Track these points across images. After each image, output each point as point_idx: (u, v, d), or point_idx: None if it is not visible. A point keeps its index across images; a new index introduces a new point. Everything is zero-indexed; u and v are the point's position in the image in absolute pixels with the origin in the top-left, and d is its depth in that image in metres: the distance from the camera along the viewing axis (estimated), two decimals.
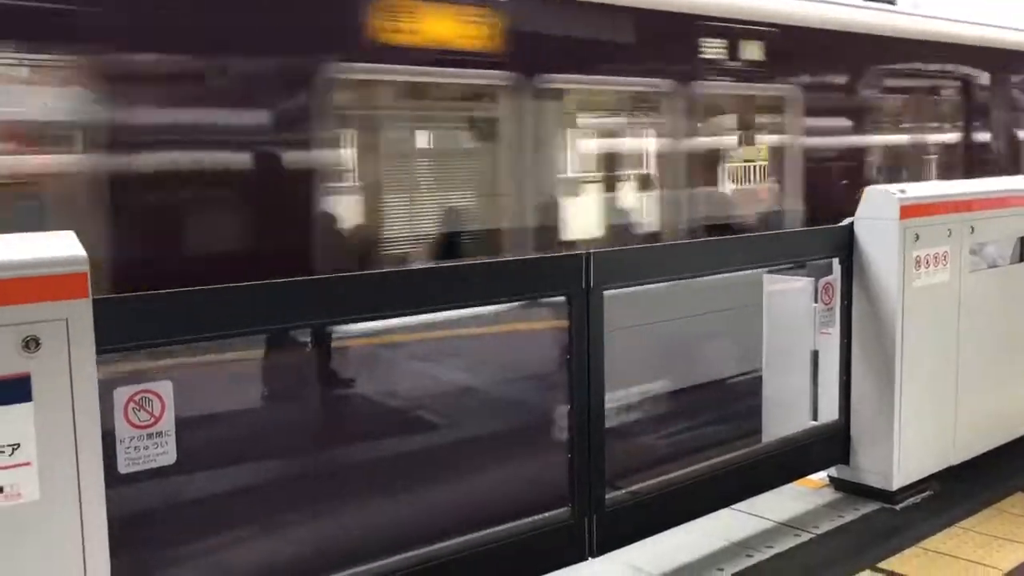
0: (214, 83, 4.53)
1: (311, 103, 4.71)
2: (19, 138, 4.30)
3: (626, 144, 7.74)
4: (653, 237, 6.44)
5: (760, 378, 4.72)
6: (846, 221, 4.39)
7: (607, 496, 3.51)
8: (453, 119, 6.28)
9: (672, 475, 3.85)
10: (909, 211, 4.21)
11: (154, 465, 2.48)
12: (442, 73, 5.29)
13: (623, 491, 3.63)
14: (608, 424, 3.50)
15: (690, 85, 6.35)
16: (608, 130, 7.76)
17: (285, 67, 4.71)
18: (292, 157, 4.76)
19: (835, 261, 4.38)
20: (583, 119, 7.28)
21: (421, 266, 3.03)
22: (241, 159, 4.59)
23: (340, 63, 4.80)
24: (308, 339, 4.92)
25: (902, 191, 4.24)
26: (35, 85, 4.32)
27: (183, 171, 4.34)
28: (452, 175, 6.43)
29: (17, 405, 2.06)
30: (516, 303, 3.99)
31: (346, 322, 3.80)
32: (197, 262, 4.43)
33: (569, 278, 3.35)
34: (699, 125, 6.63)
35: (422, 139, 6.47)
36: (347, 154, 5.63)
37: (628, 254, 3.81)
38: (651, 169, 6.98)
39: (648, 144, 7.11)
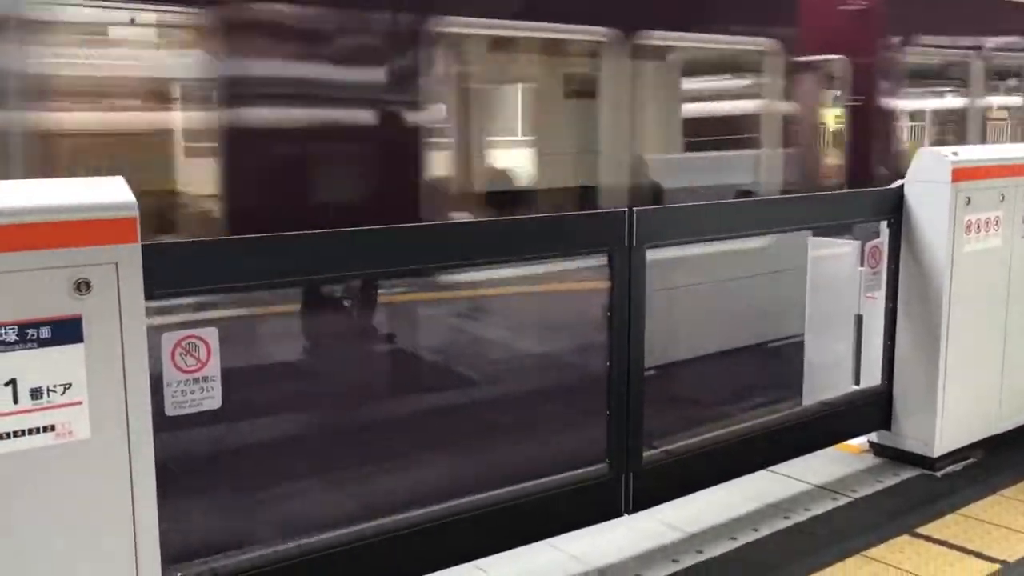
0: None
1: None
2: None
3: None
4: None
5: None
6: (896, 183, 4.31)
7: (644, 454, 3.52)
8: None
9: (710, 435, 3.85)
10: (961, 174, 4.12)
11: (199, 409, 2.53)
12: None
13: (660, 449, 3.64)
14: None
15: None
16: None
17: None
18: None
19: (883, 224, 4.32)
20: None
21: (464, 220, 3.03)
22: None
23: None
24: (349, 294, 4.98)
25: (954, 153, 4.15)
26: None
27: None
28: None
29: (69, 346, 2.11)
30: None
31: (390, 275, 3.82)
32: None
33: (611, 235, 3.34)
34: None
35: None
36: None
37: (672, 212, 3.78)
38: None
39: None
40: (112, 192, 2.21)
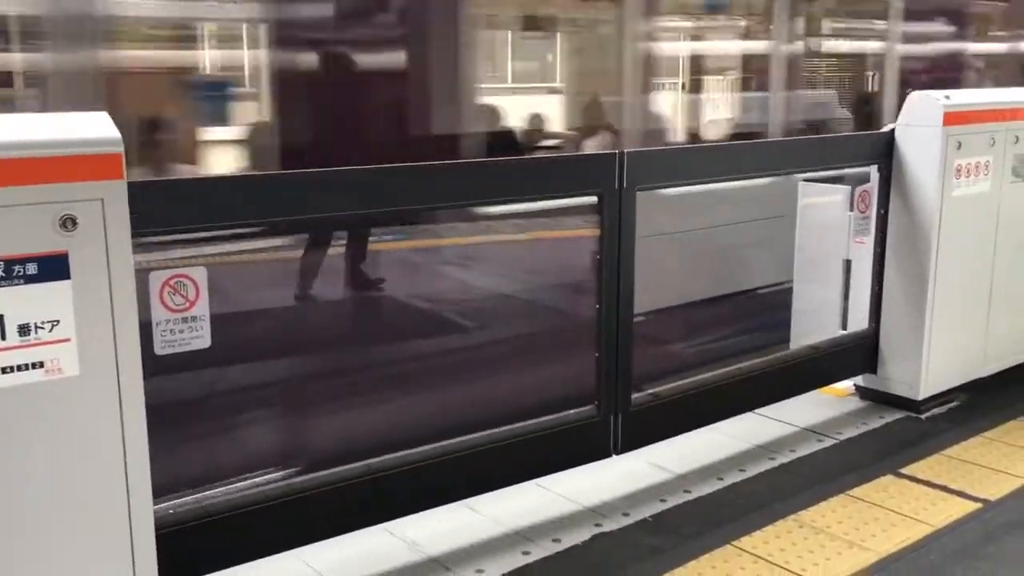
0: None
1: None
2: None
3: None
4: None
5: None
6: (887, 127, 4.30)
7: (633, 396, 3.55)
8: None
9: (698, 377, 3.88)
10: (953, 118, 4.11)
11: (188, 348, 2.53)
12: None
13: (648, 391, 3.67)
14: None
15: None
16: None
17: None
18: None
19: (873, 169, 4.31)
20: None
21: (453, 161, 3.00)
22: None
23: None
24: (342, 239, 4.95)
25: (947, 96, 4.13)
26: None
27: None
28: None
29: (56, 283, 2.10)
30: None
31: (378, 215, 3.79)
32: None
33: (602, 177, 3.32)
34: None
35: None
36: None
37: (663, 154, 3.76)
38: None
39: None
40: (97, 127, 2.18)
